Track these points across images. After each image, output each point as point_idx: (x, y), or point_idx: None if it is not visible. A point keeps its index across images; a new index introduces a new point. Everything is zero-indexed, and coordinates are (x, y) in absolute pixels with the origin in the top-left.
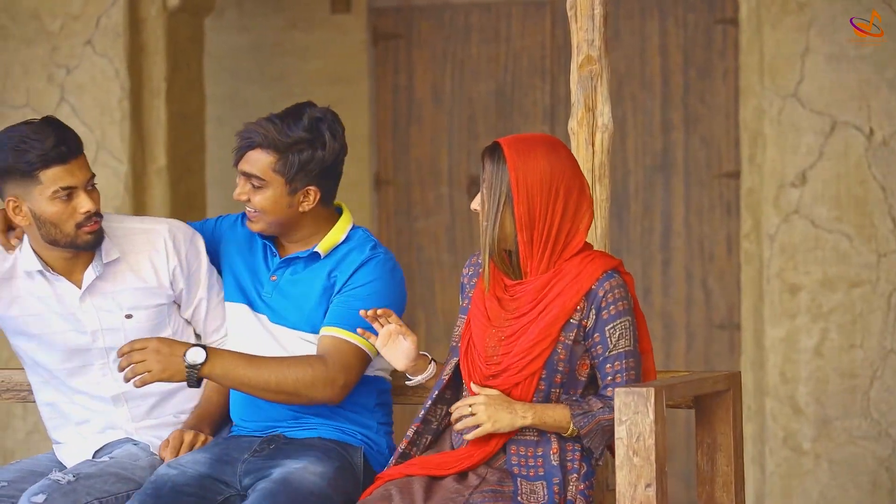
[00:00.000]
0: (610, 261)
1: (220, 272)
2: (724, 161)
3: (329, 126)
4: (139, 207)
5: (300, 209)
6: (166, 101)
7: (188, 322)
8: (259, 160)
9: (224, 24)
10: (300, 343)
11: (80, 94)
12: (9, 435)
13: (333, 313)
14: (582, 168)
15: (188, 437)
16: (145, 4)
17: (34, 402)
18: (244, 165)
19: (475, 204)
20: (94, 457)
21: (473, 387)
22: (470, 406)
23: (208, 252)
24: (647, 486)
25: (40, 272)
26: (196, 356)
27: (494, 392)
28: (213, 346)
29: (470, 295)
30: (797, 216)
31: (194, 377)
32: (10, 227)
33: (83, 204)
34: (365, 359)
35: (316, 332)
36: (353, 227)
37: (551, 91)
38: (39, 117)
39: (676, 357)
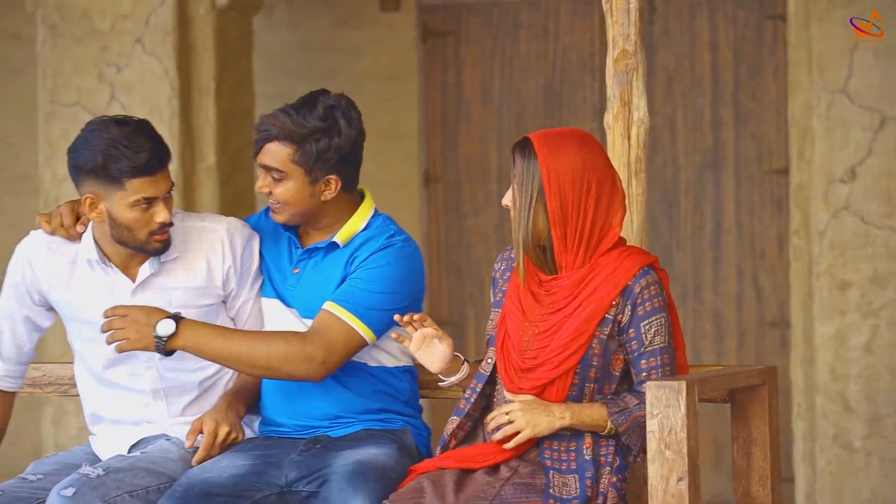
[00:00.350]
0: (646, 257)
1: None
2: (775, 157)
3: (344, 113)
4: (189, 205)
5: (322, 198)
6: (215, 99)
7: (233, 321)
8: (277, 152)
9: (274, 22)
10: None
11: (130, 92)
12: (62, 431)
13: (339, 290)
14: (617, 163)
15: (222, 434)
16: (194, 3)
17: (77, 395)
18: (263, 158)
19: (506, 200)
20: (128, 452)
21: (507, 395)
22: (507, 413)
23: None
24: (679, 479)
25: (98, 262)
26: (165, 328)
27: (528, 397)
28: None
29: (503, 289)
30: (846, 212)
31: (162, 348)
32: (78, 218)
33: (160, 214)
34: (356, 341)
35: None
36: (374, 215)
37: (600, 88)
38: (127, 116)
39: (728, 355)
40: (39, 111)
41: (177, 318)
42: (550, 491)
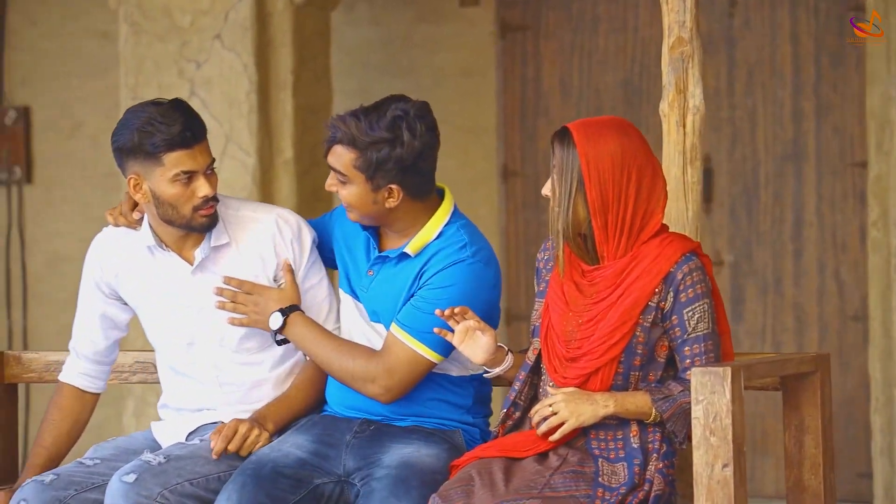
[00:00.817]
0: (688, 243)
1: (336, 262)
2: (857, 150)
3: (409, 124)
4: (266, 199)
5: (386, 206)
6: (293, 94)
7: None
8: (342, 156)
9: (355, 18)
10: None
11: (209, 88)
12: (143, 423)
13: (404, 312)
14: (672, 150)
15: (243, 428)
16: None
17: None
18: (330, 159)
19: (546, 190)
20: (186, 439)
21: (550, 388)
22: (550, 406)
23: (325, 243)
24: (724, 465)
25: (155, 247)
26: (274, 322)
27: (571, 389)
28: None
29: (546, 279)
30: None
31: (273, 337)
32: (135, 205)
33: (201, 188)
34: (421, 364)
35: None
36: (449, 222)
37: None
38: (162, 98)
39: (808, 349)
40: (121, 107)
41: (287, 312)
42: (599, 480)
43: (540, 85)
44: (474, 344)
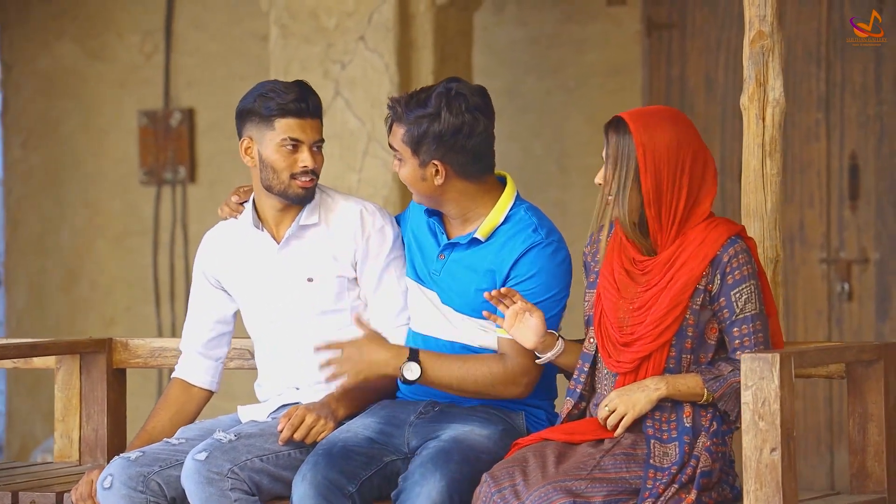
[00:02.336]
0: (733, 227)
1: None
2: None
3: (448, 101)
4: (407, 197)
5: (435, 182)
6: None
7: (365, 305)
8: (396, 133)
9: (504, 18)
10: (469, 325)
11: (353, 88)
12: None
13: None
14: (752, 143)
15: (310, 418)
16: (414, 1)
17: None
18: (390, 138)
19: (598, 178)
20: (267, 418)
21: (599, 412)
22: (606, 407)
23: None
24: (773, 450)
25: (252, 224)
26: (411, 373)
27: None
28: (398, 326)
29: (596, 270)
30: None
31: (406, 382)
32: (241, 202)
33: (304, 159)
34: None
35: (480, 316)
36: (514, 206)
37: (827, 78)
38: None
39: None
40: None
41: (415, 357)
42: (651, 461)
43: (685, 83)
44: (524, 327)
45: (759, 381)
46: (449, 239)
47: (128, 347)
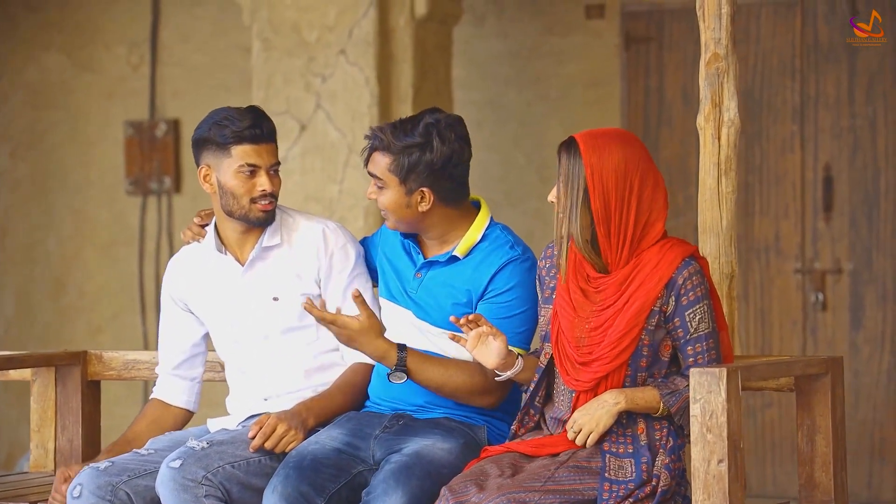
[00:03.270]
0: (687, 248)
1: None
2: None
3: (440, 132)
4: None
5: (419, 209)
6: (413, 106)
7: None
8: (380, 162)
9: (485, 31)
10: (446, 338)
11: (334, 101)
12: None
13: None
14: (708, 161)
15: (281, 429)
16: (394, 15)
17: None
18: (370, 166)
19: (551, 196)
20: (234, 427)
21: (568, 435)
22: (572, 429)
23: (370, 260)
24: (720, 461)
25: (214, 249)
26: (398, 379)
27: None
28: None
29: (551, 286)
30: None
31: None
32: (203, 225)
33: (262, 183)
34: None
35: (457, 329)
36: (490, 226)
37: (801, 90)
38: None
39: None
40: None
41: (401, 361)
42: (606, 475)
43: (663, 95)
44: (486, 349)
45: (706, 394)
46: (426, 258)
47: (102, 360)
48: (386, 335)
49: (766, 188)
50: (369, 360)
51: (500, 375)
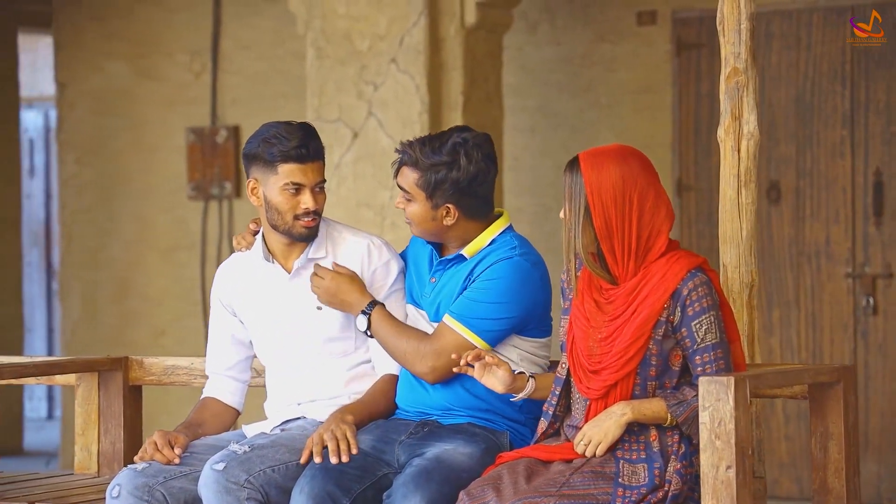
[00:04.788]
0: (693, 260)
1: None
2: None
3: (467, 151)
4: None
5: (444, 223)
6: (463, 113)
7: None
8: (408, 176)
9: (538, 38)
10: None
11: (385, 108)
12: None
13: (456, 303)
14: (728, 173)
15: (327, 434)
16: (444, 24)
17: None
18: (399, 179)
19: (562, 213)
20: (269, 431)
21: (577, 448)
22: (581, 442)
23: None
24: (728, 467)
25: (262, 256)
26: (361, 324)
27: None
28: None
29: (570, 297)
30: None
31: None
32: (255, 232)
33: (306, 201)
34: (466, 349)
35: None
36: (503, 232)
37: (851, 96)
38: (296, 122)
39: None
40: None
41: (370, 308)
42: (620, 480)
43: (714, 101)
44: (493, 377)
45: (715, 402)
46: (440, 258)
47: (143, 365)
48: None
49: (817, 193)
50: (397, 371)
51: (514, 397)
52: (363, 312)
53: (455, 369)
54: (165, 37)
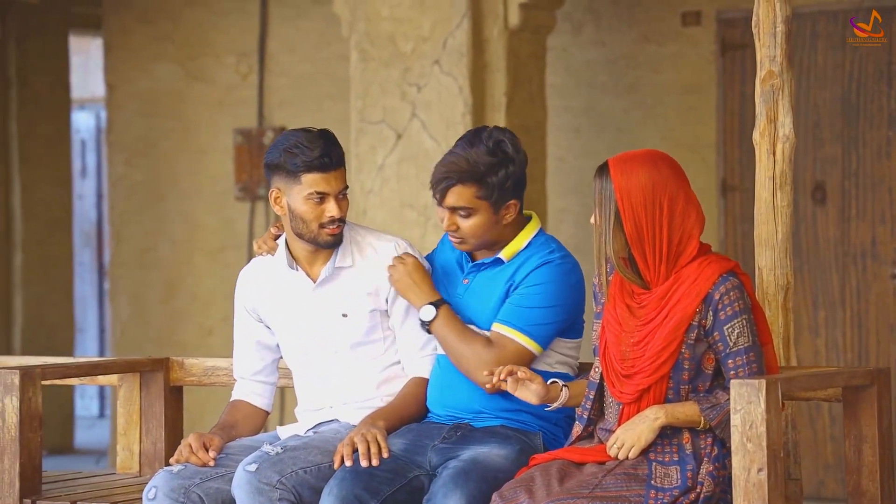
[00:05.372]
0: (725, 264)
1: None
2: None
3: (510, 142)
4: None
5: (504, 221)
6: (506, 114)
7: (391, 329)
8: (462, 194)
9: (582, 39)
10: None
11: (429, 110)
12: None
13: (504, 311)
14: (763, 176)
15: (358, 437)
16: (488, 25)
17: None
18: (449, 201)
19: (592, 219)
20: (304, 433)
21: (609, 451)
22: (615, 445)
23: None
24: (760, 470)
25: (286, 264)
26: (426, 314)
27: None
28: (424, 356)
29: (602, 301)
30: None
31: (423, 328)
32: (276, 237)
33: (330, 209)
34: (525, 355)
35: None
36: (537, 234)
37: None
38: (315, 129)
39: None
40: (351, 128)
41: (438, 305)
42: (652, 482)
43: None
44: (527, 390)
45: (746, 405)
46: (473, 261)
47: (183, 366)
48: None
49: (863, 193)
50: (427, 375)
51: (548, 407)
52: (432, 304)
53: (487, 387)
54: (213, 39)
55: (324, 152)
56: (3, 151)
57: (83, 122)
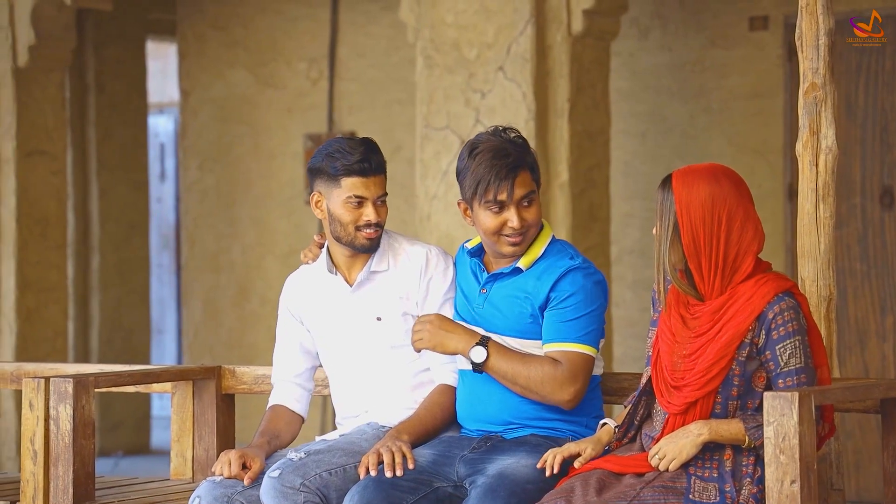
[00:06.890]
0: (782, 283)
1: None
2: None
3: (517, 133)
4: (544, 218)
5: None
6: (569, 120)
7: None
8: (525, 179)
9: (649, 44)
10: (513, 345)
11: (492, 116)
12: None
13: (549, 331)
14: (806, 187)
15: (384, 449)
16: (552, 32)
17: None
18: (519, 191)
19: (654, 229)
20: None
21: (651, 461)
22: (656, 455)
23: None
24: (793, 482)
25: (326, 269)
26: (478, 356)
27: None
28: (445, 368)
29: (659, 309)
30: None
31: (477, 370)
32: (320, 245)
33: (368, 214)
34: (589, 361)
35: (522, 336)
36: (552, 242)
37: None
38: (358, 136)
39: None
40: (416, 134)
41: (484, 343)
42: (690, 497)
43: None
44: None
45: (779, 417)
46: (489, 272)
47: (235, 374)
48: (458, 358)
49: None
50: (454, 382)
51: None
52: (479, 344)
53: (549, 473)
54: (284, 45)
55: (363, 157)
56: (81, 156)
57: (162, 127)
